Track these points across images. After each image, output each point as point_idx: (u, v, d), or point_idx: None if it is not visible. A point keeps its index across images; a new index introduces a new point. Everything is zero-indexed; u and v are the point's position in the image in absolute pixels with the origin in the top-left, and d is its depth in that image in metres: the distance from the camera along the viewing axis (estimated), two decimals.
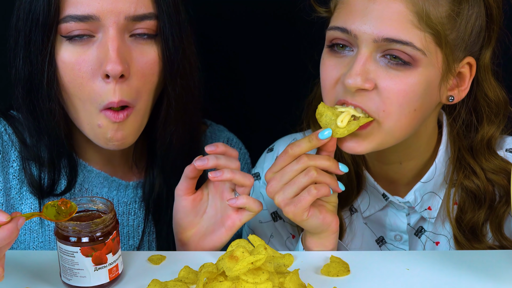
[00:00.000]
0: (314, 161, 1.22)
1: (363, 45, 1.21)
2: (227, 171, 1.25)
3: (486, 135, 1.34)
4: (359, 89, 1.21)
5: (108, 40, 1.26)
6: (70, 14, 1.26)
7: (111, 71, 1.25)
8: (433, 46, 1.20)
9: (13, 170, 1.38)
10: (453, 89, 1.28)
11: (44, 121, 1.33)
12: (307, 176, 1.21)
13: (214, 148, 1.27)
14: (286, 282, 1.12)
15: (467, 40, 1.24)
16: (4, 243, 1.05)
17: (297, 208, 1.22)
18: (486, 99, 1.33)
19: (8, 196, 1.38)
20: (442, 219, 1.38)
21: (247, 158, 1.59)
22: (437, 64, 1.22)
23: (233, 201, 1.27)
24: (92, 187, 1.43)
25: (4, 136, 1.38)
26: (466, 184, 1.35)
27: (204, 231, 1.31)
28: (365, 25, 1.20)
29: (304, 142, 1.22)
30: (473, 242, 1.35)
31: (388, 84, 1.20)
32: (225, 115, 1.61)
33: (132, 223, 1.47)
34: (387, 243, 1.41)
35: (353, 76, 1.20)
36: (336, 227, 1.27)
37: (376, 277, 1.19)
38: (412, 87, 1.21)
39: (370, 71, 1.21)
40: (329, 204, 1.27)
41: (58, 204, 1.14)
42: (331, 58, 1.27)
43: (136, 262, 1.25)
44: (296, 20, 1.66)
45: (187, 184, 1.29)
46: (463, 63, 1.26)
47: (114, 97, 1.27)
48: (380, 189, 1.37)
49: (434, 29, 1.19)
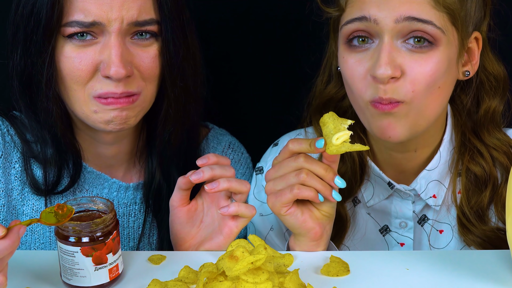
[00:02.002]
0: (309, 164, 1.22)
1: (385, 33, 1.23)
2: (223, 180, 1.25)
3: (489, 109, 1.37)
4: (389, 79, 1.23)
5: (111, 45, 1.27)
6: (76, 20, 1.27)
7: (115, 75, 1.27)
8: (449, 25, 1.24)
9: (15, 171, 1.38)
10: (466, 64, 1.32)
11: (43, 117, 1.34)
12: (297, 177, 1.22)
13: (206, 161, 1.27)
14: (286, 282, 1.12)
15: (473, 16, 1.28)
16: (6, 253, 1.05)
17: (277, 201, 1.24)
18: (485, 72, 1.36)
19: (10, 197, 1.38)
20: (447, 207, 1.39)
21: (249, 162, 1.58)
22: (454, 42, 1.26)
23: (224, 210, 1.27)
24: (93, 188, 1.43)
25: (7, 137, 1.39)
26: (471, 168, 1.37)
27: (202, 240, 1.31)
28: (385, 9, 1.23)
29: (305, 142, 1.23)
30: (480, 224, 1.36)
31: (414, 67, 1.24)
32: (227, 117, 1.61)
33: (132, 224, 1.47)
34: (391, 231, 1.42)
35: (383, 66, 1.22)
36: (316, 236, 1.26)
37: (376, 277, 1.19)
38: (437, 66, 1.24)
39: (396, 58, 1.23)
40: (318, 212, 1.26)
41: (55, 210, 1.14)
42: (352, 55, 1.28)
43: (136, 262, 1.25)
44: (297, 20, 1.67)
45: (181, 195, 1.29)
46: (471, 38, 1.30)
47: (116, 90, 1.29)
48: (385, 177, 1.38)
49: (450, 9, 1.23)
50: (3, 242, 1.05)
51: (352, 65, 1.27)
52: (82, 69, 1.29)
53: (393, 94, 1.24)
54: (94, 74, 1.29)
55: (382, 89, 1.23)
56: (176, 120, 1.39)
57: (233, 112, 1.74)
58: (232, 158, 1.55)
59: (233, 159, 1.55)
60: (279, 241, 1.45)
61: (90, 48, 1.29)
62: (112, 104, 1.30)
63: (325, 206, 1.26)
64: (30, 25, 1.29)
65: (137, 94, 1.31)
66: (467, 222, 1.37)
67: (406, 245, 1.41)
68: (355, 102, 1.30)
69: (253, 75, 1.77)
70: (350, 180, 1.39)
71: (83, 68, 1.29)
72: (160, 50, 1.33)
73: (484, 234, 1.36)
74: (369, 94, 1.25)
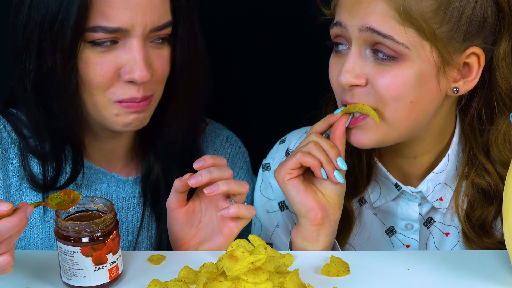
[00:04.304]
0: (317, 138, 1.28)
1: (353, 39, 1.25)
2: (222, 183, 1.25)
3: (501, 128, 1.34)
4: (353, 86, 1.25)
5: (135, 49, 1.28)
6: (101, 26, 1.26)
7: (140, 79, 1.28)
8: (417, 40, 1.22)
9: (12, 167, 1.39)
10: (458, 81, 1.28)
11: (60, 121, 1.33)
12: (305, 147, 1.27)
13: (203, 163, 1.26)
14: (286, 282, 1.12)
15: (465, 30, 1.24)
16: (13, 231, 1.05)
17: (281, 167, 1.28)
18: (498, 90, 1.32)
19: (8, 193, 1.38)
20: (452, 212, 1.39)
21: (246, 156, 1.59)
22: (426, 57, 1.23)
23: (224, 212, 1.27)
24: (91, 183, 1.43)
25: (4, 133, 1.39)
26: (477, 182, 1.36)
27: (201, 240, 1.30)
28: (352, 17, 1.24)
29: (320, 121, 1.30)
30: (483, 237, 1.36)
31: (378, 79, 1.24)
32: (224, 112, 1.61)
33: (131, 218, 1.47)
34: (397, 233, 1.42)
35: (343, 74, 1.25)
36: (317, 218, 1.27)
37: (376, 277, 1.19)
38: (402, 80, 1.23)
39: (360, 66, 1.24)
40: (321, 194, 1.28)
41: (62, 195, 1.14)
42: (334, 58, 1.31)
43: (136, 262, 1.25)
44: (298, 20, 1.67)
45: (178, 197, 1.29)
46: (466, 54, 1.25)
47: (138, 94, 1.30)
48: (392, 179, 1.38)
49: (417, 25, 1.21)
50: (10, 220, 1.04)
51: (332, 68, 1.31)
52: (103, 75, 1.28)
53: (360, 99, 1.25)
54: (115, 79, 1.29)
55: (349, 94, 1.26)
56: (182, 119, 1.40)
57: (233, 107, 1.75)
58: (230, 152, 1.55)
59: (231, 152, 1.56)
60: (285, 238, 1.45)
61: (111, 54, 1.28)
62: (132, 107, 1.31)
63: (329, 189, 1.28)
64: (48, 30, 1.26)
65: (152, 95, 1.33)
66: (470, 234, 1.37)
67: (411, 247, 1.41)
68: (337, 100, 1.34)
69: (252, 69, 1.77)
70: (356, 178, 1.39)
71: (104, 74, 1.28)
72: (171, 51, 1.34)
73: (486, 247, 1.36)
74: (340, 97, 1.29)
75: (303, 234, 1.29)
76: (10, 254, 1.06)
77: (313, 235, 1.28)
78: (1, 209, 1.04)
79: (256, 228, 1.49)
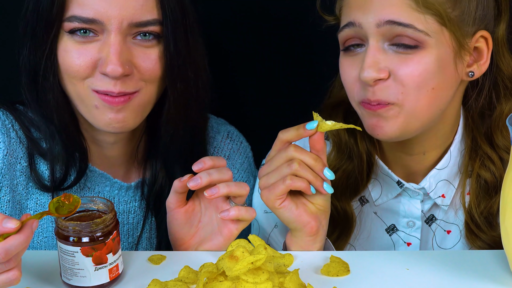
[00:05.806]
0: (299, 154, 1.24)
1: (370, 36, 1.24)
2: (222, 186, 1.24)
3: (504, 111, 1.35)
4: (376, 81, 1.25)
5: (110, 43, 1.28)
6: (75, 15, 1.28)
7: (111, 73, 1.27)
8: (436, 26, 1.23)
9: (20, 167, 1.38)
10: (471, 65, 1.30)
11: (46, 110, 1.35)
12: (289, 167, 1.24)
13: (202, 166, 1.26)
14: (286, 282, 1.12)
15: (474, 14, 1.26)
16: (20, 248, 1.06)
17: (270, 194, 1.25)
18: (500, 74, 1.34)
19: (15, 192, 1.38)
20: (455, 208, 1.40)
21: (248, 151, 1.58)
22: (446, 42, 1.25)
23: (225, 214, 1.26)
24: (94, 186, 1.43)
25: (12, 132, 1.38)
26: (481, 174, 1.36)
27: (201, 240, 1.30)
28: (367, 14, 1.24)
29: (292, 129, 1.25)
30: (489, 230, 1.36)
31: (401, 68, 1.24)
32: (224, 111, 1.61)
33: (132, 221, 1.47)
34: (398, 231, 1.42)
35: (366, 69, 1.24)
36: (313, 230, 1.27)
37: (376, 277, 1.19)
38: (424, 67, 1.24)
39: (382, 60, 1.24)
40: (312, 205, 1.27)
41: (62, 200, 1.14)
42: (347, 59, 1.30)
43: (136, 262, 1.25)
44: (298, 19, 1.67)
45: (177, 198, 1.29)
46: (476, 37, 1.28)
47: (114, 89, 1.29)
48: (394, 176, 1.38)
49: (434, 10, 1.22)
50: (18, 238, 1.05)
51: (346, 69, 1.30)
52: (79, 64, 1.30)
53: (381, 95, 1.25)
54: (93, 71, 1.30)
55: (370, 91, 1.26)
56: (177, 121, 1.39)
57: (233, 106, 1.74)
58: (231, 147, 1.55)
59: (232, 148, 1.55)
60: (283, 239, 1.45)
61: (91, 45, 1.29)
62: (109, 102, 1.30)
63: (319, 199, 1.27)
64: (34, 18, 1.30)
65: (133, 93, 1.31)
66: (475, 228, 1.37)
67: (413, 244, 1.42)
68: (351, 102, 1.33)
69: (252, 68, 1.77)
70: (356, 179, 1.39)
71: (81, 64, 1.29)
72: (161, 50, 1.32)
73: (493, 240, 1.36)
74: (359, 96, 1.28)
75: (300, 244, 1.28)
76: (18, 269, 1.07)
77: (310, 243, 1.28)
78: (10, 227, 1.05)
79: (254, 228, 1.49)
